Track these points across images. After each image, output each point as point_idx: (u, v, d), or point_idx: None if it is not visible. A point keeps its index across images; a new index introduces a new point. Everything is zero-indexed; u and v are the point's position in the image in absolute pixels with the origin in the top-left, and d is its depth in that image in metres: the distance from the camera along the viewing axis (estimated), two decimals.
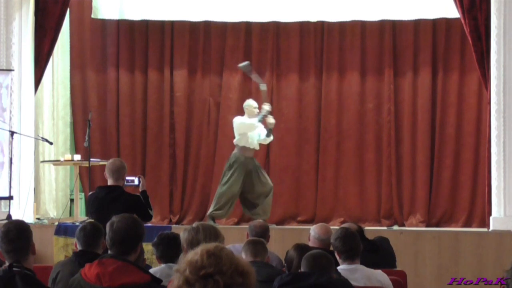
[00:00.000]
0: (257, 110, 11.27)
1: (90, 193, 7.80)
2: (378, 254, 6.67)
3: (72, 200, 12.04)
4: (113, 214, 4.67)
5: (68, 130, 12.56)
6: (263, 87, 11.41)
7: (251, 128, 11.14)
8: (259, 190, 11.17)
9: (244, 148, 11.22)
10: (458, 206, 12.09)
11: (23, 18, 11.21)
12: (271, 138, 11.34)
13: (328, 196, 12.39)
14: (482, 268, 9.88)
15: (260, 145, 12.61)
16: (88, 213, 8.63)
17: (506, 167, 10.44)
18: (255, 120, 11.17)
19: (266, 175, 11.37)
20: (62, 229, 10.14)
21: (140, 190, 7.62)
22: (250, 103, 11.33)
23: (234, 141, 11.27)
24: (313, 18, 12.13)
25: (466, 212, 12.01)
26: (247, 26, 12.56)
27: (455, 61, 12.26)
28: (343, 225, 6.95)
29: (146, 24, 12.68)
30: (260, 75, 12.63)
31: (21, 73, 11.19)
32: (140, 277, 4.32)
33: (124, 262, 4.36)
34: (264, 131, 11.22)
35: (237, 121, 11.29)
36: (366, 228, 8.50)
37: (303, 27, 12.48)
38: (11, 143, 10.74)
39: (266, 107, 11.18)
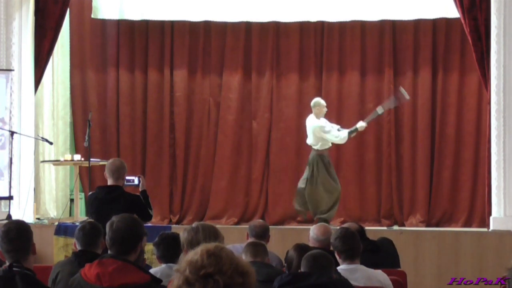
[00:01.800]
0: (326, 109, 11.31)
1: (90, 193, 7.80)
2: (379, 255, 6.65)
3: (72, 200, 12.04)
4: (113, 214, 4.67)
5: (68, 130, 12.56)
6: (380, 110, 11.40)
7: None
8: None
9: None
10: (458, 206, 12.08)
11: (23, 18, 11.20)
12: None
13: None
14: (482, 268, 9.88)
15: (259, 144, 12.64)
16: (88, 213, 8.63)
17: (506, 167, 10.44)
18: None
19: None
20: (62, 229, 10.14)
21: (140, 190, 7.62)
22: (321, 102, 11.31)
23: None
24: (313, 18, 12.13)
25: (466, 212, 12.01)
26: (247, 26, 12.56)
27: (455, 61, 12.26)
28: (343, 225, 6.94)
29: (146, 24, 12.68)
30: (260, 75, 12.65)
31: (21, 73, 11.19)
32: (140, 277, 4.32)
33: (124, 262, 4.35)
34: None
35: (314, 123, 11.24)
36: (366, 228, 8.49)
37: (303, 27, 12.48)
38: (11, 143, 10.74)
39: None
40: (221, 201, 12.46)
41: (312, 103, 11.34)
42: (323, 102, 11.36)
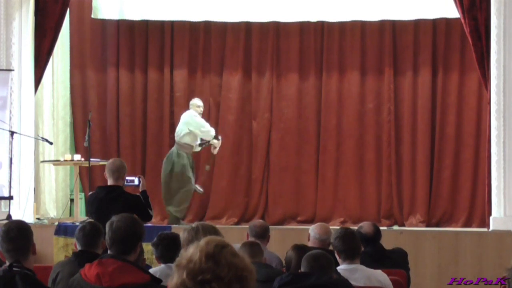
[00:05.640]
0: (201, 109, 11.49)
1: (90, 193, 7.80)
2: (385, 264, 6.40)
3: (72, 200, 12.04)
4: (113, 214, 4.67)
5: (68, 130, 12.56)
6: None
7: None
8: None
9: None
10: (458, 206, 12.09)
11: (23, 18, 11.20)
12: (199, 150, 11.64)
13: (328, 196, 12.39)
14: (482, 268, 9.88)
15: (259, 144, 12.64)
16: (88, 213, 8.63)
17: (506, 167, 10.43)
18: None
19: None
20: (62, 229, 10.15)
21: (140, 190, 7.62)
22: (196, 102, 11.53)
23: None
24: (313, 18, 12.13)
25: (466, 212, 12.01)
26: (247, 26, 12.56)
27: (455, 61, 12.26)
28: (361, 224, 6.85)
29: (146, 24, 12.68)
30: (260, 75, 12.65)
31: (21, 73, 11.18)
32: (140, 277, 4.32)
33: (124, 262, 4.36)
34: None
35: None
36: None
37: (303, 27, 12.48)
38: (11, 143, 10.74)
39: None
40: (221, 201, 12.46)
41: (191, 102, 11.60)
42: (199, 102, 11.62)
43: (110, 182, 7.40)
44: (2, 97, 11.08)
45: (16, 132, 10.86)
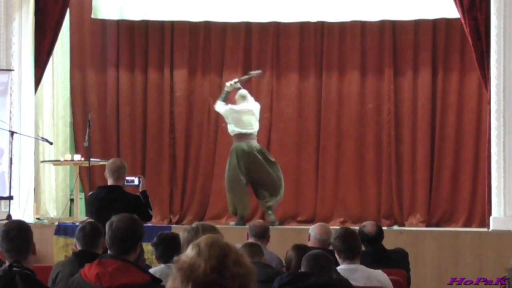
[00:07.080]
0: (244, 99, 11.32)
1: (90, 193, 7.80)
2: (385, 265, 6.39)
3: (72, 200, 12.04)
4: (113, 214, 4.67)
5: (68, 130, 12.56)
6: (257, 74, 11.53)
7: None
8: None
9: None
10: (458, 206, 12.09)
11: (23, 18, 11.20)
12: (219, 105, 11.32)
13: (328, 196, 12.39)
14: (482, 268, 9.88)
15: (260, 144, 12.61)
16: (88, 213, 8.63)
17: (506, 167, 10.44)
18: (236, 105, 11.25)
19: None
20: (62, 229, 10.15)
21: (140, 190, 7.62)
22: (240, 93, 11.37)
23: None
24: (313, 18, 12.14)
25: (466, 212, 12.01)
26: (247, 26, 12.57)
27: (455, 61, 12.26)
28: (363, 223, 6.85)
29: (146, 24, 12.68)
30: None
31: (21, 73, 11.19)
32: (140, 277, 4.32)
33: (124, 262, 4.36)
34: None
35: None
36: None
37: (303, 27, 12.48)
38: (11, 143, 10.74)
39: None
40: (221, 201, 12.44)
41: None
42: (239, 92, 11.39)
43: (110, 182, 7.41)
44: (2, 83, 11.05)
45: (16, 132, 10.86)
